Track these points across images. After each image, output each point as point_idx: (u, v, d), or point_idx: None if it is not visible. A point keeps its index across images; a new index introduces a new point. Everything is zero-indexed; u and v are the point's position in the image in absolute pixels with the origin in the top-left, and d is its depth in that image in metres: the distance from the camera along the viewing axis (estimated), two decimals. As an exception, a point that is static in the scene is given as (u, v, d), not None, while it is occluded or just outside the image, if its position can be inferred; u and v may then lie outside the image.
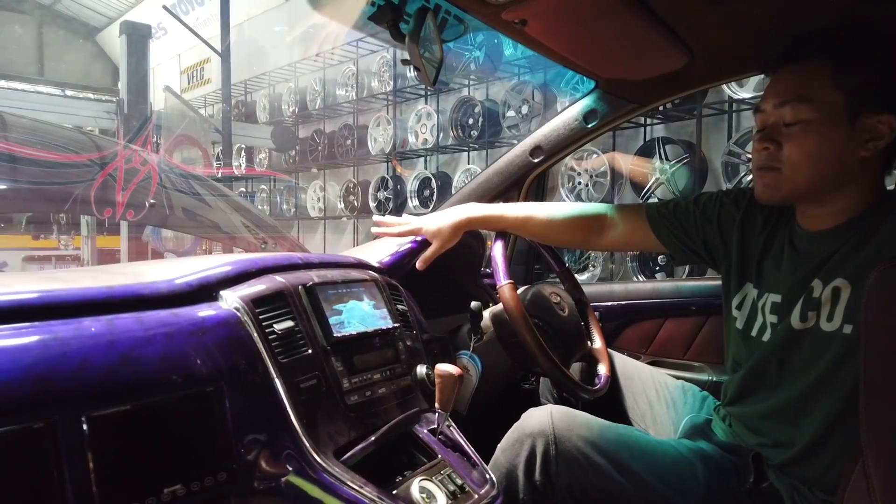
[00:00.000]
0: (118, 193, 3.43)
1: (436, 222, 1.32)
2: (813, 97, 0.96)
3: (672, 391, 1.36)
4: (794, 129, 0.97)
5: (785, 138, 0.98)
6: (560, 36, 1.26)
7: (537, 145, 1.66)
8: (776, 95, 1.00)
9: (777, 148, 0.99)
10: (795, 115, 0.97)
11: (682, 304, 1.58)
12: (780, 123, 0.99)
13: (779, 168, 0.99)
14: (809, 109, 0.96)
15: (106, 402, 0.75)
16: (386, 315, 1.17)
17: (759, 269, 1.12)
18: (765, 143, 0.99)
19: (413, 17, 0.98)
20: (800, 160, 0.97)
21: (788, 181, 0.99)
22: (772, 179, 1.00)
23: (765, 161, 1.00)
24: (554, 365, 1.19)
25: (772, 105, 1.00)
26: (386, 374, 1.11)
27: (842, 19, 1.09)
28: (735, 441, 1.12)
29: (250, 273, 1.03)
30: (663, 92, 1.52)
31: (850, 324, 0.94)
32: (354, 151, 6.28)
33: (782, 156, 0.98)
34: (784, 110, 0.98)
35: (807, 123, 0.96)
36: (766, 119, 1.02)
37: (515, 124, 4.84)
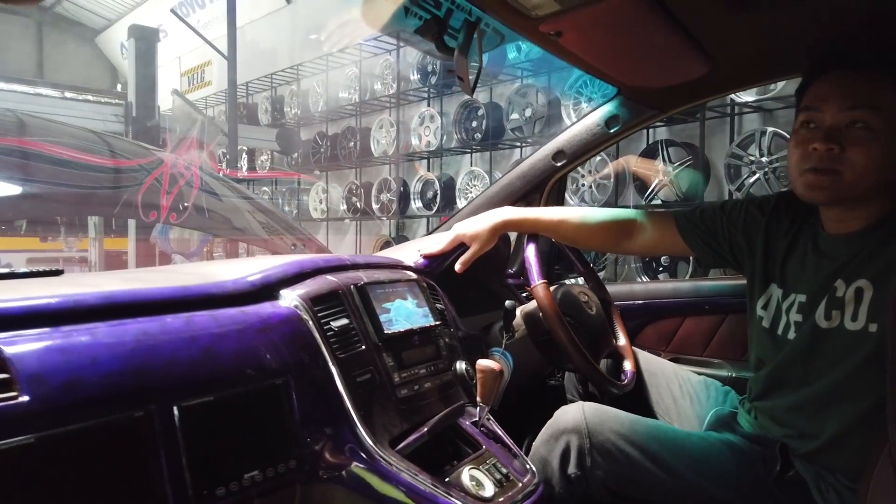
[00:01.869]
0: (163, 197, 3.49)
1: (474, 227, 1.37)
2: (883, 105, 1.00)
3: (695, 386, 1.43)
4: (861, 135, 1.01)
5: (849, 142, 1.01)
6: (591, 46, 1.32)
7: (560, 149, 1.72)
8: (843, 98, 1.02)
9: (841, 150, 1.01)
10: (863, 121, 1.00)
11: (701, 302, 1.65)
12: (843, 126, 1.02)
13: (840, 171, 1.02)
14: (878, 117, 1.00)
15: (192, 394, 0.81)
16: (427, 313, 1.23)
17: (783, 271, 1.18)
18: (830, 143, 1.01)
19: (463, 31, 1.04)
20: (864, 166, 1.00)
21: (847, 184, 1.02)
22: (829, 181, 1.03)
23: (826, 162, 1.02)
24: (587, 361, 1.25)
25: (837, 107, 1.03)
26: (430, 370, 1.17)
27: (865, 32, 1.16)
28: (761, 432, 1.18)
29: (306, 273, 1.09)
30: (684, 98, 1.59)
31: (875, 322, 1.00)
32: (357, 153, 6.33)
33: (846, 158, 1.01)
34: (852, 114, 1.01)
35: (874, 132, 1.00)
36: (823, 119, 1.05)
37: (519, 127, 4.90)
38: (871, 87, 1.01)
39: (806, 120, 1.08)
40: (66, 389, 0.69)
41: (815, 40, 1.31)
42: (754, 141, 3.87)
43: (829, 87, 1.06)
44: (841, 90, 1.04)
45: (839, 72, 1.06)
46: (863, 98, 1.01)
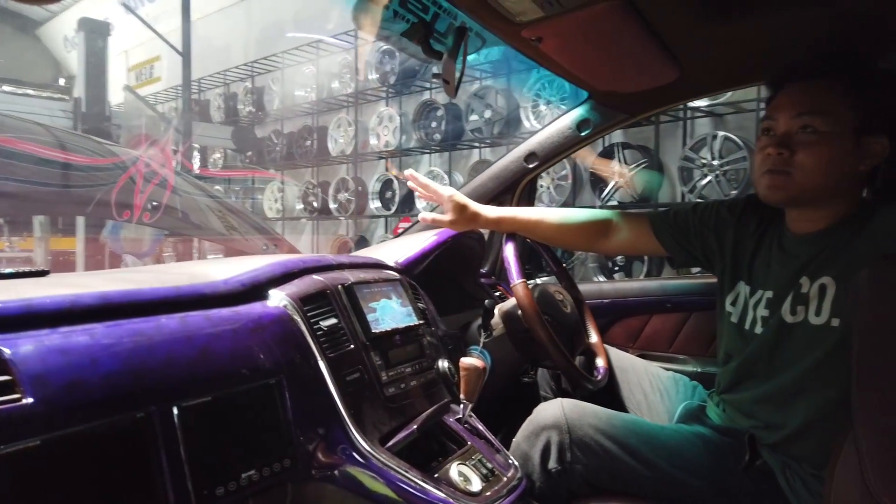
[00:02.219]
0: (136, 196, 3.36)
1: (462, 201, 1.39)
2: (829, 112, 1.07)
3: (664, 381, 1.48)
4: (809, 138, 1.08)
5: (798, 146, 1.08)
6: (569, 52, 1.35)
7: (532, 151, 1.75)
8: (793, 106, 1.10)
9: (791, 154, 1.09)
10: (812, 126, 1.07)
11: (667, 301, 1.71)
12: (794, 132, 1.09)
13: (790, 172, 1.09)
14: (825, 122, 1.07)
15: (191, 394, 0.80)
16: (411, 313, 1.24)
17: (751, 269, 1.24)
18: (780, 148, 1.09)
19: (452, 35, 1.06)
20: (811, 167, 1.07)
21: (798, 184, 1.09)
22: (782, 182, 1.10)
23: (778, 165, 1.10)
24: (565, 358, 1.29)
25: (788, 115, 1.10)
26: (415, 368, 1.18)
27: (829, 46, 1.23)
28: (729, 424, 1.24)
29: (294, 273, 1.09)
30: (653, 104, 1.64)
31: (838, 318, 1.06)
32: (314, 152, 6.28)
33: (795, 161, 1.08)
34: (801, 120, 1.08)
35: (821, 135, 1.07)
36: (778, 126, 1.12)
37: (478, 128, 4.95)
38: (820, 94, 1.09)
39: (765, 128, 1.15)
40: (68, 391, 0.68)
41: (775, 51, 1.38)
42: (706, 144, 4.01)
43: (784, 98, 1.14)
44: (792, 100, 1.12)
45: (793, 83, 1.13)
46: (811, 105, 1.09)
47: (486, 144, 5.05)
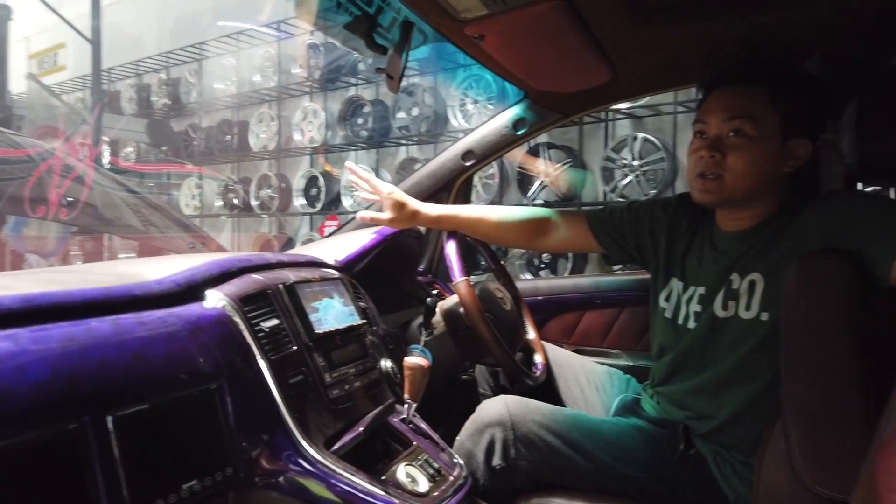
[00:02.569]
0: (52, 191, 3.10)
1: (402, 198, 1.37)
2: (757, 116, 1.12)
3: (599, 375, 1.52)
4: (739, 142, 1.12)
5: (729, 149, 1.13)
6: (510, 50, 1.36)
7: (469, 149, 1.75)
8: (724, 110, 1.14)
9: (722, 156, 1.13)
10: (742, 130, 1.12)
11: (600, 296, 1.75)
12: (725, 135, 1.14)
13: (721, 174, 1.14)
14: (754, 127, 1.12)
15: (126, 402, 0.75)
16: (353, 312, 1.22)
17: (684, 266, 1.28)
18: (713, 151, 1.13)
19: (398, 30, 1.04)
20: (741, 169, 1.12)
21: (729, 186, 1.14)
22: (714, 185, 1.15)
23: (710, 167, 1.14)
24: (506, 355, 1.30)
25: (719, 118, 1.15)
26: (359, 369, 1.16)
27: (755, 52, 1.29)
28: (664, 416, 1.28)
29: (232, 272, 1.04)
30: (587, 104, 1.68)
31: (767, 312, 1.11)
32: (234, 147, 6.07)
33: (726, 164, 1.13)
34: (732, 124, 1.13)
35: (750, 138, 1.12)
36: (709, 129, 1.16)
37: (406, 126, 4.92)
38: (747, 99, 1.14)
39: (698, 131, 1.19)
40: (-8, 403, 0.62)
41: (704, 56, 1.44)
42: (627, 145, 4.14)
43: (714, 102, 1.18)
44: (723, 104, 1.16)
45: (722, 88, 1.18)
46: (740, 109, 1.13)
47: (414, 142, 5.03)
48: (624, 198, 4.16)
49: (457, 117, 4.71)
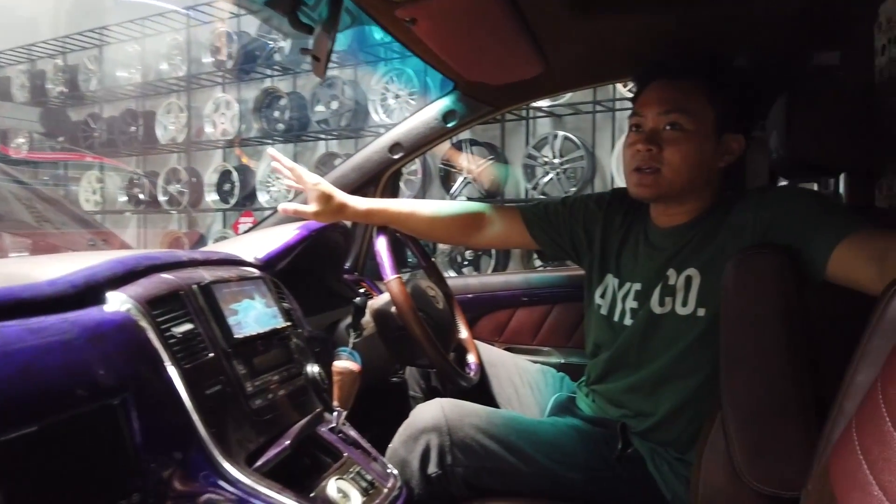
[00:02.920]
0: None
1: (329, 190, 1.29)
2: (693, 110, 1.11)
3: (533, 374, 1.48)
4: (676, 135, 1.11)
5: (666, 143, 1.11)
6: (441, 37, 1.30)
7: (397, 142, 1.68)
8: (660, 104, 1.13)
9: (659, 150, 1.12)
10: (678, 123, 1.11)
11: (532, 293, 1.72)
12: (661, 129, 1.12)
13: (658, 168, 1.12)
14: (690, 120, 1.10)
15: (11, 424, 0.64)
16: (277, 314, 1.12)
17: (619, 262, 1.26)
18: (649, 144, 1.11)
19: (326, 7, 0.95)
20: (678, 163, 1.11)
21: (666, 181, 1.12)
22: (651, 179, 1.13)
23: (646, 161, 1.12)
24: (441, 356, 1.24)
25: (655, 112, 1.13)
26: (283, 375, 1.07)
27: (689, 46, 1.28)
28: (600, 415, 1.26)
29: (139, 271, 0.92)
30: (517, 97, 1.64)
31: (703, 307, 1.11)
32: (140, 139, 5.72)
33: (662, 158, 1.11)
34: (668, 118, 1.11)
35: (687, 132, 1.11)
36: (646, 122, 1.14)
37: (325, 119, 4.78)
38: (685, 92, 1.13)
39: (634, 124, 1.17)
40: None
41: (638, 50, 1.43)
42: (548, 143, 4.18)
43: (650, 96, 1.17)
44: (659, 97, 1.15)
45: (659, 81, 1.16)
46: (676, 103, 1.12)
47: (334, 136, 4.90)
48: (545, 195, 4.20)
49: (378, 112, 4.62)
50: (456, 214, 1.38)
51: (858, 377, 0.72)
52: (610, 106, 4.03)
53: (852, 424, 0.69)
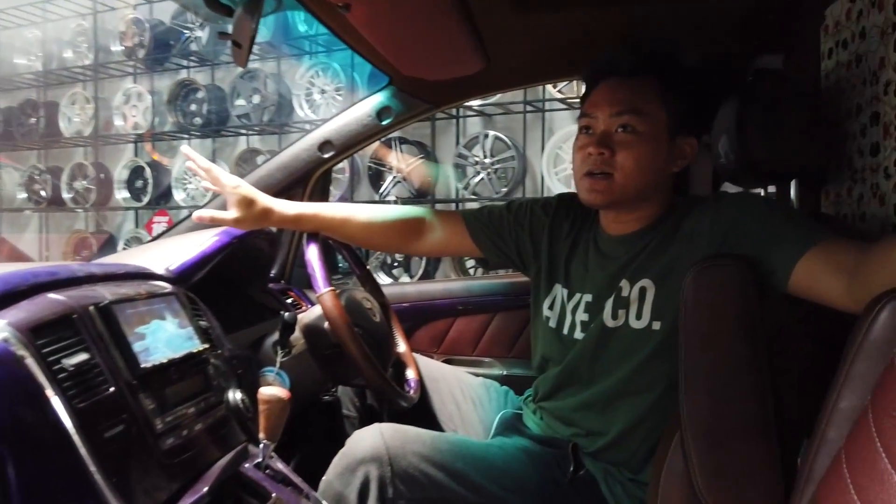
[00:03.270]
0: None
1: (251, 193, 1.15)
2: (646, 112, 1.04)
3: (476, 389, 1.39)
4: (629, 138, 1.04)
5: (618, 146, 1.04)
6: (377, 26, 1.19)
7: (327, 140, 1.56)
8: (612, 105, 1.05)
9: (611, 154, 1.04)
10: (631, 126, 1.04)
11: (472, 302, 1.64)
12: (613, 132, 1.05)
13: (611, 173, 1.05)
14: (643, 122, 1.04)
15: None
16: (192, 335, 0.98)
17: (567, 271, 1.19)
18: (601, 147, 1.04)
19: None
20: (631, 168, 1.04)
21: (620, 186, 1.05)
22: (604, 185, 1.05)
23: (599, 166, 1.05)
24: (380, 375, 1.13)
25: (606, 114, 1.05)
26: (201, 407, 0.93)
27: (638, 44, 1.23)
28: (549, 433, 1.18)
29: (20, 291, 0.77)
30: (457, 94, 1.56)
31: (659, 320, 1.04)
32: (41, 132, 5.28)
33: (615, 162, 1.04)
34: (620, 119, 1.04)
35: (640, 135, 1.04)
36: (597, 124, 1.07)
37: (246, 114, 4.55)
38: (635, 93, 1.06)
39: (584, 126, 1.10)
40: None
41: (583, 47, 1.37)
42: (478, 142, 4.13)
43: (600, 96, 1.09)
44: (611, 97, 1.08)
45: (609, 80, 1.09)
46: (628, 104, 1.05)
47: (255, 132, 4.67)
48: (476, 195, 4.14)
49: (303, 107, 4.44)
50: (394, 220, 1.27)
51: (842, 403, 0.67)
52: (539, 106, 4.02)
53: (842, 458, 0.63)
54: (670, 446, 0.98)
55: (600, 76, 1.10)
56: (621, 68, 1.08)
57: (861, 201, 1.07)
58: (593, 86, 1.12)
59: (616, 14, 1.25)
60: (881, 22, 0.99)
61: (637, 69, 1.07)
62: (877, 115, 1.01)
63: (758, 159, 1.13)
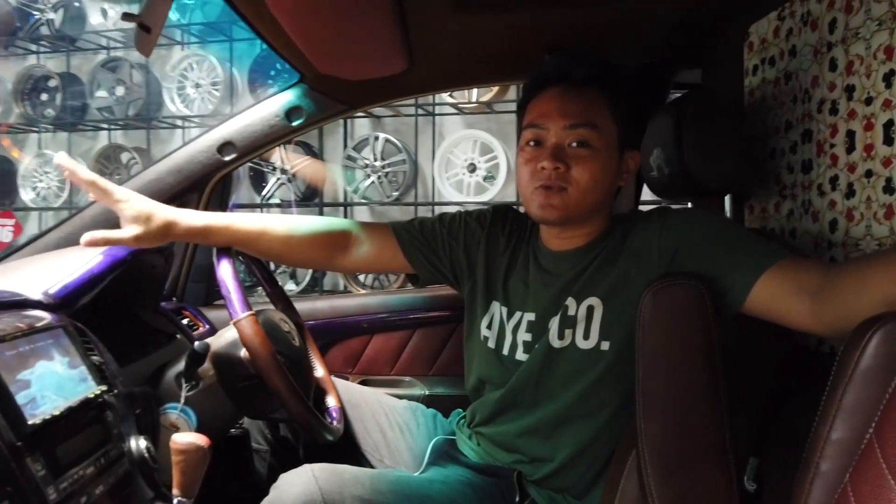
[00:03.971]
0: None
1: (147, 206, 0.98)
2: (600, 126, 0.99)
3: (402, 414, 1.29)
4: (584, 153, 0.98)
5: (573, 160, 0.98)
6: (298, 17, 1.07)
7: (228, 141, 1.40)
8: (564, 117, 0.99)
9: (566, 169, 0.98)
10: (586, 140, 0.98)
11: (390, 318, 1.53)
12: (565, 145, 0.99)
13: (566, 188, 0.99)
14: (598, 137, 0.98)
15: None
16: (86, 375, 0.81)
17: (506, 289, 1.12)
18: (557, 162, 0.97)
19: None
20: (587, 183, 0.98)
21: (574, 201, 0.99)
22: (559, 200, 0.99)
23: (554, 180, 0.98)
24: (308, 409, 1.01)
25: (560, 126, 0.99)
26: (100, 464, 0.77)
27: (575, 50, 1.19)
28: (489, 461, 1.11)
29: None
30: (375, 96, 1.45)
31: (607, 340, 1.00)
32: None
33: (570, 177, 0.98)
34: (575, 133, 0.98)
35: (594, 149, 0.98)
36: (547, 136, 1.00)
37: (108, 106, 4.15)
38: (589, 105, 1.01)
39: (533, 138, 1.02)
40: None
41: (515, 53, 1.32)
42: (368, 145, 4.02)
43: (550, 105, 1.02)
44: (561, 108, 1.01)
45: (556, 89, 1.02)
46: (583, 116, 0.99)
47: (119, 126, 4.27)
48: (367, 199, 4.03)
49: (175, 102, 4.11)
50: (317, 233, 1.15)
51: (835, 435, 0.65)
52: (429, 110, 3.98)
53: (848, 493, 0.61)
54: (623, 471, 0.94)
55: (548, 83, 1.03)
56: (574, 77, 1.01)
57: (791, 217, 1.09)
58: (536, 93, 1.05)
59: (551, 20, 1.20)
60: (814, 41, 1.01)
61: (589, 79, 1.02)
62: (809, 133, 1.03)
63: (695, 173, 1.12)
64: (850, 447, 0.63)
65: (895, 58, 0.82)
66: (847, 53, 0.92)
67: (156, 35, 0.79)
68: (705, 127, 1.09)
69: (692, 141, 1.12)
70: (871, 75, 0.87)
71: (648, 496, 0.88)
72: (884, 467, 0.57)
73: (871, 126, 0.87)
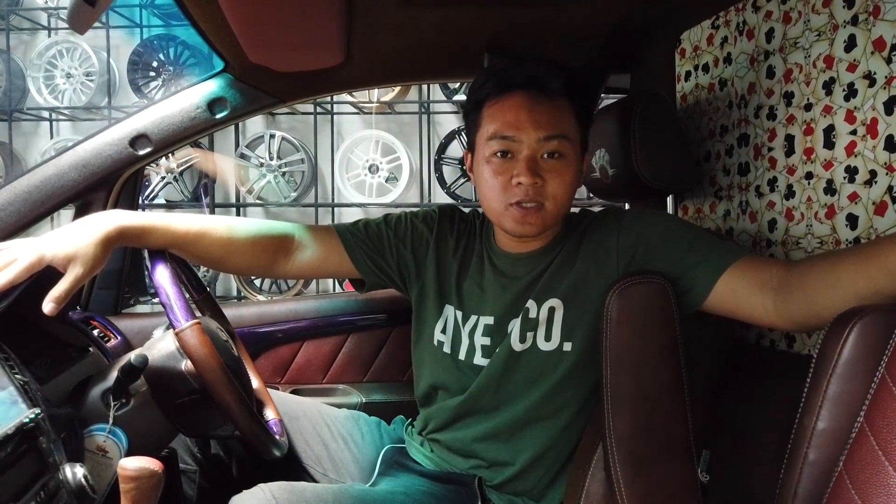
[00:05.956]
0: None
1: (70, 242, 0.87)
2: (570, 134, 0.97)
3: (344, 424, 1.23)
4: (558, 166, 0.96)
5: (547, 174, 0.96)
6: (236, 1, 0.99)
7: (143, 133, 1.27)
8: (536, 128, 0.95)
9: (543, 183, 0.95)
10: (560, 152, 0.96)
11: (321, 324, 1.45)
12: (539, 157, 0.96)
13: (542, 203, 0.96)
14: (570, 146, 0.97)
15: None
16: (16, 397, 0.70)
17: (460, 292, 1.09)
18: (534, 177, 0.94)
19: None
20: (562, 195, 0.97)
21: (551, 215, 0.97)
22: (538, 217, 0.96)
23: (532, 196, 0.95)
24: (257, 422, 0.93)
25: (533, 138, 0.95)
26: (40, 498, 0.66)
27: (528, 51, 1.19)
28: (445, 468, 1.08)
29: None
30: (306, 89, 1.38)
31: (569, 341, 0.99)
32: None
33: (546, 191, 0.96)
34: (550, 145, 0.95)
35: (567, 160, 0.97)
36: (520, 148, 0.96)
37: None
38: (560, 116, 0.98)
39: (502, 149, 0.97)
40: None
41: (455, 49, 1.30)
42: (263, 142, 3.85)
43: (520, 115, 0.96)
44: (532, 118, 0.96)
45: (524, 96, 0.97)
46: (556, 128, 0.97)
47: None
48: (262, 200, 3.85)
49: (42, 92, 3.73)
50: (259, 236, 1.06)
51: (821, 425, 0.68)
52: (328, 108, 3.88)
53: (844, 480, 0.64)
54: (588, 471, 0.95)
55: (513, 89, 0.98)
56: (548, 87, 0.97)
57: (728, 217, 1.15)
58: (496, 98, 0.99)
59: (494, 16, 1.20)
60: (751, 49, 1.07)
61: (563, 91, 0.98)
62: (746, 137, 1.09)
63: (642, 174, 1.15)
64: (839, 436, 0.66)
65: (835, 66, 0.89)
66: (785, 62, 0.98)
67: (101, 10, 0.69)
68: (654, 128, 1.12)
69: (641, 142, 1.14)
70: (811, 83, 0.93)
71: (617, 494, 0.89)
72: (879, 454, 0.60)
73: (811, 131, 0.93)
